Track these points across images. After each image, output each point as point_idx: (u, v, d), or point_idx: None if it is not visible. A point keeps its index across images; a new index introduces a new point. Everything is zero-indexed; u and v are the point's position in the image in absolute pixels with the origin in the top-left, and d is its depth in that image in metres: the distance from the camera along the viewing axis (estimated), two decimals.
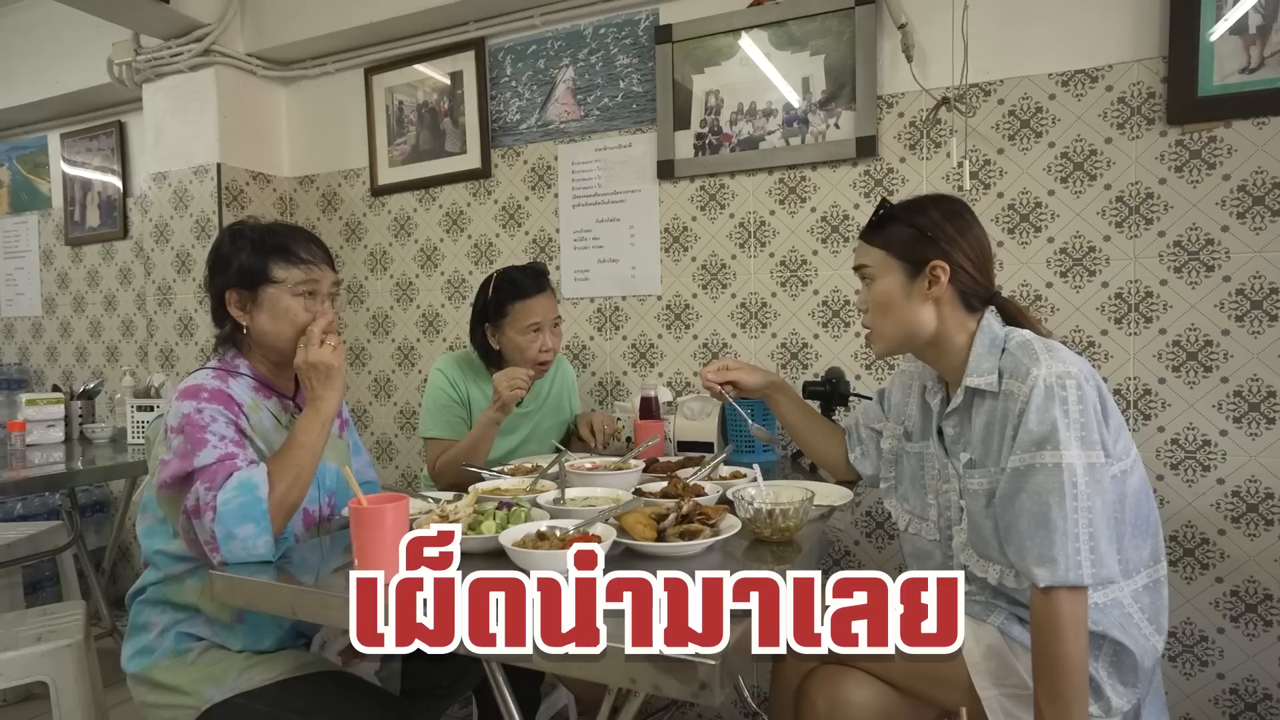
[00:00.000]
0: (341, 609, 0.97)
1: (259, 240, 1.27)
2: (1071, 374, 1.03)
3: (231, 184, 2.66)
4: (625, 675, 0.79)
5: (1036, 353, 1.06)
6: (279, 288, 1.26)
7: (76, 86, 3.00)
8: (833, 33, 1.98)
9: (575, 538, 1.06)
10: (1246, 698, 1.69)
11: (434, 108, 2.54)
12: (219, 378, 1.24)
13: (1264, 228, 1.63)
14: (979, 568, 1.13)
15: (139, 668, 1.22)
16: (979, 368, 1.13)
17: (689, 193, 2.19)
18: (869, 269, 1.22)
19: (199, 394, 1.19)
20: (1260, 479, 1.65)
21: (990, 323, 1.16)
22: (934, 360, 1.23)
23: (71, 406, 2.59)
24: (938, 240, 1.16)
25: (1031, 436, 1.02)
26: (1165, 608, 1.14)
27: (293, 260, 1.27)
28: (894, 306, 1.18)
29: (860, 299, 1.26)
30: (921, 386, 1.30)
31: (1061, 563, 0.98)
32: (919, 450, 1.28)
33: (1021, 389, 1.05)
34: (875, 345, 1.26)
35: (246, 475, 1.11)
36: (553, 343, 1.82)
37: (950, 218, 1.18)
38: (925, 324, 1.17)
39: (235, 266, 1.26)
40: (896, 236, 1.19)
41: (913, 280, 1.17)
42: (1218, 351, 1.68)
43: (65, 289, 3.42)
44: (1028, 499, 1.02)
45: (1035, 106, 1.80)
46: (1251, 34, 1.62)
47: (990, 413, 1.12)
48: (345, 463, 1.40)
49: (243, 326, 1.28)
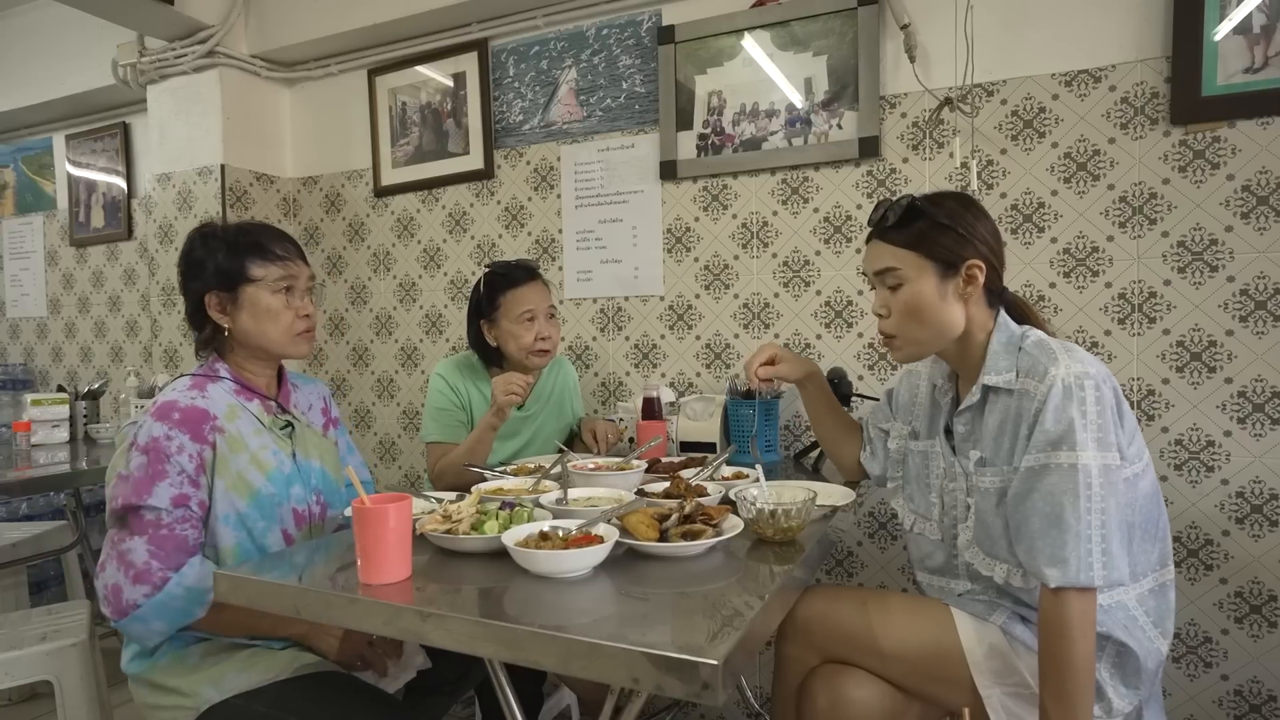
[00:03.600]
0: (343, 606, 0.97)
1: (233, 240, 1.28)
2: (1090, 375, 1.03)
3: (235, 185, 2.67)
4: (628, 674, 0.79)
5: (1055, 352, 1.06)
6: (258, 286, 1.26)
7: (81, 88, 3.01)
8: (835, 33, 1.98)
9: (578, 538, 1.06)
10: (1251, 699, 1.68)
11: (437, 109, 2.55)
12: (196, 387, 1.24)
13: (1268, 228, 1.63)
14: (985, 566, 1.13)
15: (139, 669, 1.22)
16: (996, 365, 1.12)
17: (691, 193, 2.19)
18: (898, 272, 1.15)
19: (170, 414, 1.19)
20: (1265, 480, 1.65)
21: (1005, 320, 1.16)
22: (952, 358, 1.21)
23: (76, 407, 2.60)
24: (972, 239, 1.13)
25: (1048, 436, 1.02)
26: (1171, 612, 1.13)
27: (269, 257, 1.27)
28: (928, 310, 1.14)
29: (879, 303, 1.20)
30: (931, 385, 1.30)
31: (1073, 564, 0.98)
32: (924, 449, 1.28)
33: (1039, 388, 1.04)
34: (900, 352, 1.20)
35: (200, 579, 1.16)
36: (549, 331, 1.80)
37: (978, 215, 1.16)
38: (956, 325, 1.15)
39: (211, 269, 1.26)
40: (929, 236, 1.14)
41: (946, 281, 1.13)
42: (1221, 352, 1.67)
43: (70, 290, 3.43)
44: (1041, 499, 1.02)
45: (1038, 107, 1.80)
46: (1255, 34, 1.61)
47: (1005, 411, 1.11)
48: (332, 460, 1.41)
49: (223, 329, 1.28)
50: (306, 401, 1.44)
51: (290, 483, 1.27)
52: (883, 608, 1.15)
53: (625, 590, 0.98)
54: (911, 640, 1.11)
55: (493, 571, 1.05)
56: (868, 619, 1.14)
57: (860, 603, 1.17)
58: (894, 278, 1.16)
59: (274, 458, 1.28)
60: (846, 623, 1.15)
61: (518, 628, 0.84)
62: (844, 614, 1.16)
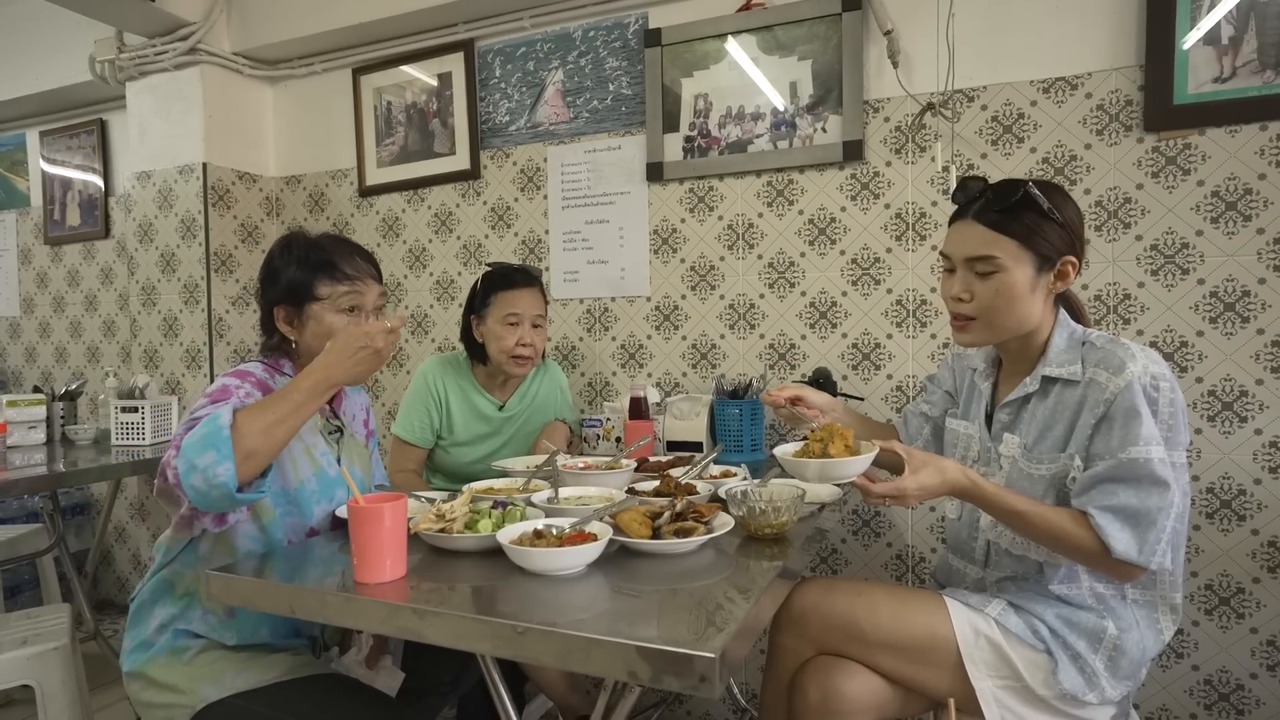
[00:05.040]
0: (338, 605, 0.98)
1: (305, 256, 1.30)
2: (1166, 376, 1.07)
3: (217, 184, 2.64)
4: (625, 669, 0.80)
5: (1131, 350, 1.09)
6: (323, 304, 1.29)
7: (56, 84, 2.96)
8: (820, 38, 2.01)
9: (572, 536, 1.07)
10: (1220, 688, 1.73)
11: (422, 109, 2.54)
12: (268, 371, 1.29)
13: (1236, 232, 1.68)
14: (1003, 538, 1.17)
15: (135, 664, 1.21)
16: (1059, 359, 1.15)
17: (678, 195, 2.21)
18: (998, 259, 1.12)
19: (247, 377, 1.23)
20: (1233, 475, 1.70)
21: (1066, 318, 1.19)
22: (1015, 349, 1.22)
23: (53, 408, 2.55)
24: (1072, 235, 1.14)
25: (1124, 432, 1.05)
26: (1168, 617, 1.17)
27: (337, 276, 1.30)
28: (1019, 300, 1.13)
29: (960, 287, 1.16)
30: (971, 370, 1.33)
31: (1145, 546, 1.03)
32: (965, 429, 1.31)
33: (1114, 381, 1.07)
34: (972, 335, 1.18)
35: (213, 412, 1.08)
36: (531, 339, 1.81)
37: (1076, 210, 1.16)
38: (1035, 317, 1.16)
39: (283, 282, 1.29)
40: (1036, 227, 1.11)
41: (1041, 274, 1.13)
42: (1192, 353, 1.73)
43: (44, 289, 3.37)
44: (1115, 489, 1.05)
45: (1017, 113, 1.84)
46: (1224, 44, 1.67)
47: (1060, 401, 1.14)
48: (367, 471, 1.44)
49: (290, 340, 1.31)
50: (352, 411, 1.47)
51: (335, 485, 1.30)
52: (876, 597, 1.18)
53: (619, 587, 1.00)
54: (904, 629, 1.13)
55: (487, 569, 1.06)
56: (860, 609, 1.16)
57: (854, 593, 1.19)
58: (989, 265, 1.13)
59: (322, 458, 1.30)
60: (840, 613, 1.17)
61: (516, 624, 0.86)
62: (838, 604, 1.18)
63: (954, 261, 1.18)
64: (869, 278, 2.00)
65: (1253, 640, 1.70)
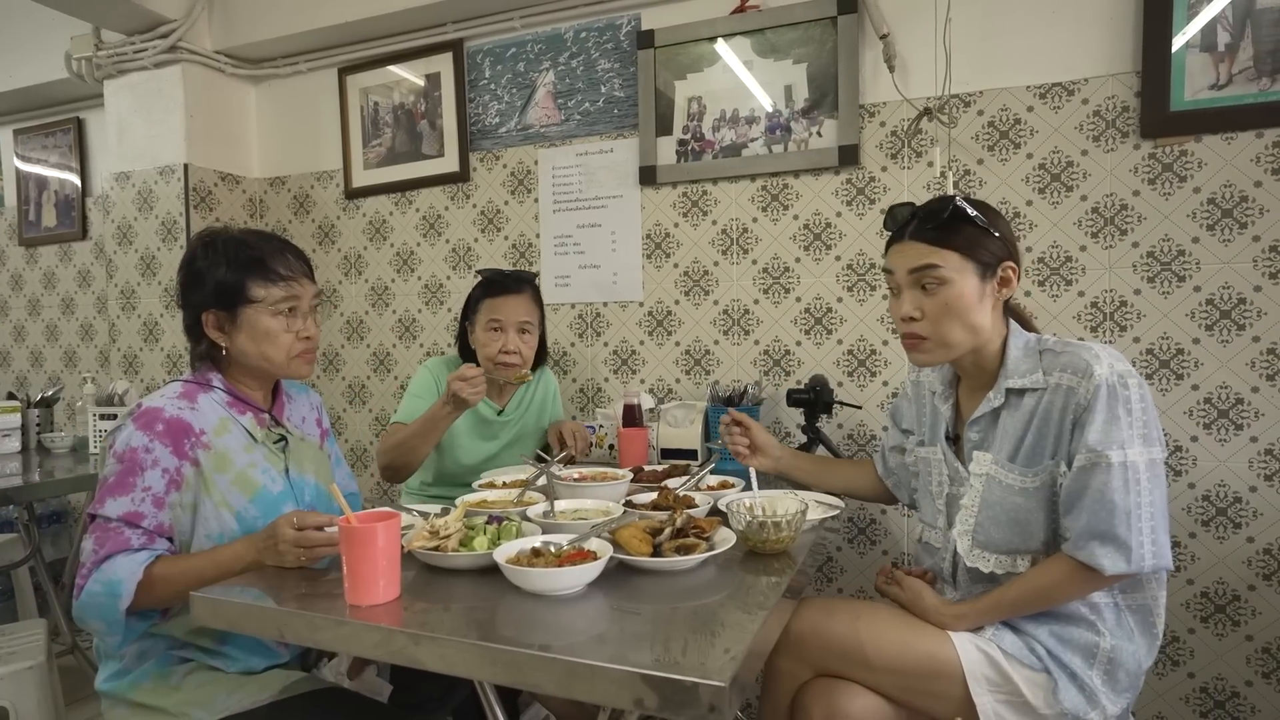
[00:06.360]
0: (329, 629, 0.94)
1: (233, 255, 1.22)
2: (1133, 373, 1.07)
3: (199, 185, 2.58)
4: (631, 697, 0.77)
5: (1094, 350, 1.09)
6: (258, 308, 1.21)
7: (31, 81, 2.88)
8: (815, 41, 1.99)
9: (571, 554, 1.04)
10: (1216, 696, 1.73)
11: (410, 109, 2.50)
12: (186, 396, 1.20)
13: (1232, 239, 1.68)
14: (982, 562, 1.15)
15: (116, 688, 1.16)
16: (1019, 369, 1.14)
17: (671, 199, 2.18)
18: (940, 271, 1.13)
19: (154, 424, 1.14)
20: (1229, 483, 1.70)
21: (1017, 327, 1.19)
22: (970, 365, 1.21)
23: (28, 415, 2.48)
24: (1009, 241, 1.16)
25: (1097, 435, 1.05)
26: (1161, 618, 1.16)
27: (271, 277, 1.22)
28: (968, 311, 1.13)
29: (911, 305, 1.16)
30: (930, 393, 1.31)
31: (1133, 552, 1.02)
32: (927, 455, 1.29)
33: (1085, 385, 1.07)
34: (927, 354, 1.18)
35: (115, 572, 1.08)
36: (515, 346, 1.78)
37: (1005, 221, 1.19)
38: (986, 328, 1.16)
39: (211, 285, 1.21)
40: (972, 237, 1.13)
41: (984, 283, 1.14)
42: (1189, 359, 1.72)
43: (19, 291, 3.28)
44: (1093, 497, 1.04)
45: (1014, 118, 1.83)
46: (1220, 51, 1.66)
47: (1030, 410, 1.13)
48: (326, 474, 1.37)
49: (221, 347, 1.24)
50: (300, 414, 1.40)
51: (281, 502, 1.22)
52: (876, 620, 1.16)
53: (619, 606, 0.97)
54: (906, 653, 1.11)
55: (482, 588, 1.03)
56: (861, 632, 1.14)
57: (853, 615, 1.17)
58: (934, 277, 1.14)
59: (263, 476, 1.22)
60: (840, 636, 1.15)
61: (517, 650, 0.82)
62: (837, 627, 1.16)
63: (898, 279, 1.19)
64: (864, 284, 1.99)
65: (1248, 648, 1.70)
